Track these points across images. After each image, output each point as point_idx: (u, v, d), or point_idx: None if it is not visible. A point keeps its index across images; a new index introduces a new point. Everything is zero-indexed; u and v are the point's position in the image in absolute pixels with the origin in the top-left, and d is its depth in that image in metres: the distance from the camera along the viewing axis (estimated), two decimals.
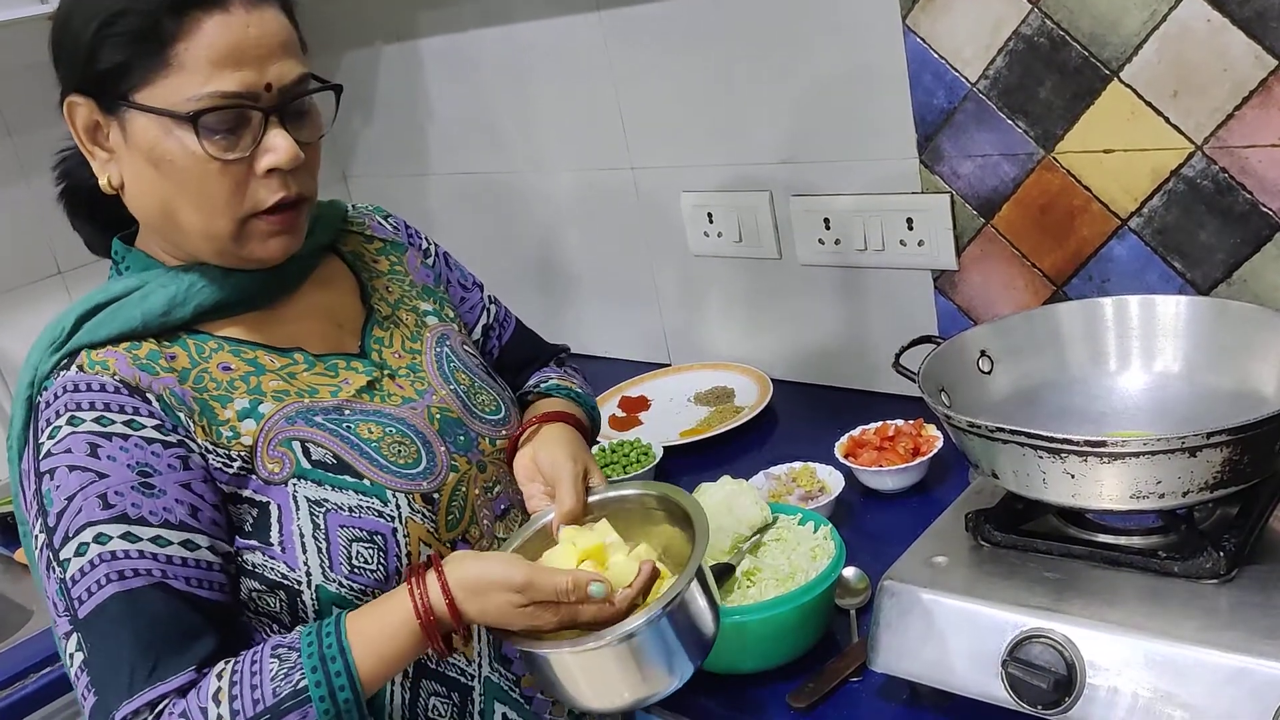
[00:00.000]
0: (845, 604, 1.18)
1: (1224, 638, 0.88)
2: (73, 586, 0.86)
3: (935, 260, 1.54)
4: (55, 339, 0.94)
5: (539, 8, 1.84)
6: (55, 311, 0.98)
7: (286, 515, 0.93)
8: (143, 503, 0.88)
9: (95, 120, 0.93)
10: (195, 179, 0.91)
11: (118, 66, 0.89)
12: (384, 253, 1.16)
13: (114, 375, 0.91)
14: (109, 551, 0.86)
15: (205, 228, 0.93)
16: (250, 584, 0.94)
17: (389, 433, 1.00)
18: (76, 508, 0.87)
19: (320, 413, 0.98)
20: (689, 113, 1.73)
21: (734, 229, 1.75)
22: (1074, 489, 0.97)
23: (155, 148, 0.90)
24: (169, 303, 0.96)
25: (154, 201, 0.94)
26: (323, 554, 0.93)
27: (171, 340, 0.96)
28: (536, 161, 2.00)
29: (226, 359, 0.97)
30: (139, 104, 0.89)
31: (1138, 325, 1.17)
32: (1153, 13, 1.25)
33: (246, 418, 0.95)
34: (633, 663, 0.87)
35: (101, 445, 0.88)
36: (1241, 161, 1.25)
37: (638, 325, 2.00)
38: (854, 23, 1.49)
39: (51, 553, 0.88)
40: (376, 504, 0.96)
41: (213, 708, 0.83)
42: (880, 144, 1.53)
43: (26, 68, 1.91)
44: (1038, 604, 0.96)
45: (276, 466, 0.94)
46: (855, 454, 1.43)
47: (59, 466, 0.88)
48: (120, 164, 0.94)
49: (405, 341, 1.09)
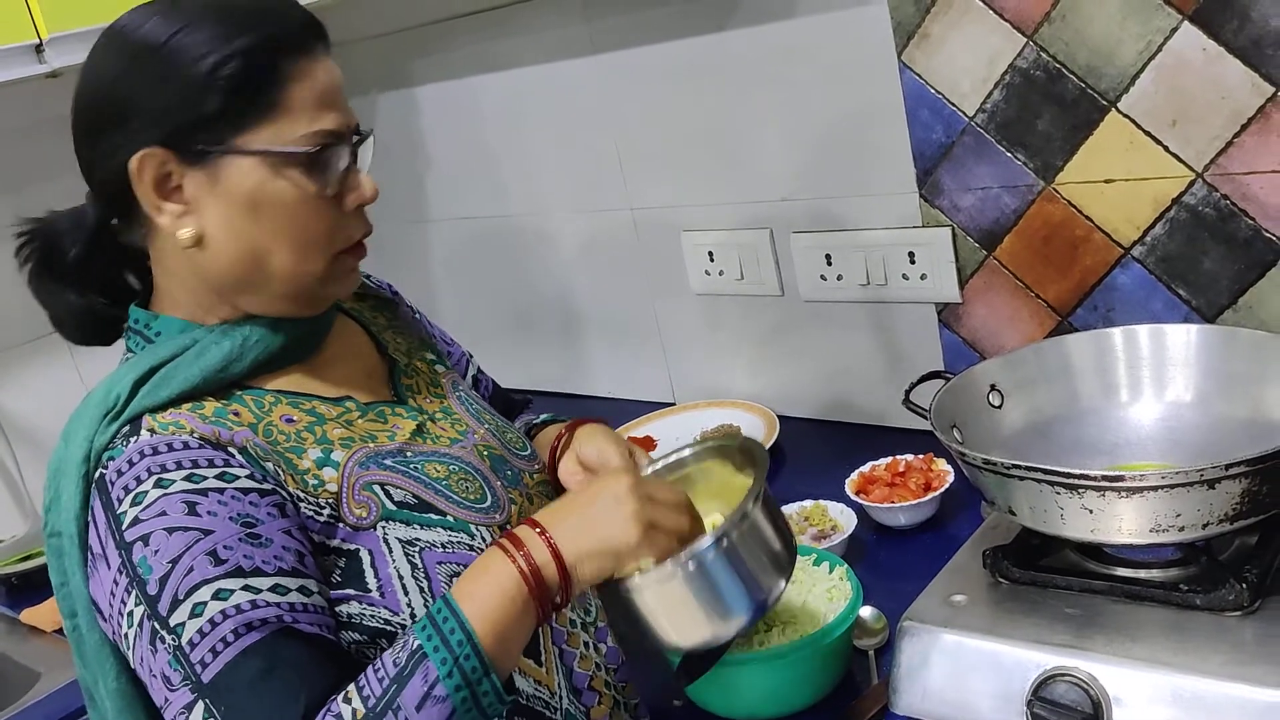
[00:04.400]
0: (863, 645, 1.17)
1: (1253, 671, 0.87)
2: (191, 651, 0.81)
3: (938, 293, 1.54)
4: (110, 408, 0.90)
5: (535, 52, 1.85)
6: (56, 369, 0.97)
7: (380, 559, 0.91)
8: (254, 553, 0.84)
9: (166, 173, 0.89)
10: (300, 218, 0.92)
11: (221, 112, 0.87)
12: (377, 309, 1.17)
13: (191, 433, 0.88)
14: (232, 606, 0.82)
15: (297, 268, 0.93)
16: (349, 636, 0.90)
17: (453, 471, 0.99)
18: (185, 568, 0.83)
19: (387, 456, 0.97)
20: (687, 152, 1.74)
21: (735, 267, 1.75)
22: (1092, 524, 0.97)
23: (260, 190, 0.89)
24: (226, 358, 0.93)
25: (242, 249, 0.92)
26: (425, 593, 0.91)
27: (228, 398, 0.94)
28: (536, 205, 2.01)
29: (287, 411, 0.96)
30: (245, 148, 0.88)
31: (1148, 355, 1.17)
32: (1148, 43, 1.25)
33: (325, 466, 0.93)
34: (708, 587, 0.86)
35: (199, 502, 0.85)
36: (1243, 188, 1.25)
37: (641, 365, 1.99)
38: (850, 59, 1.50)
39: (158, 621, 0.83)
40: (465, 538, 0.95)
41: (345, 708, 0.80)
42: (879, 179, 1.54)
43: (28, 126, 1.93)
44: (1060, 641, 0.96)
45: (363, 511, 0.92)
46: (866, 490, 1.42)
47: (154, 531, 0.84)
48: (200, 215, 0.91)
49: (429, 388, 1.10)
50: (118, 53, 0.91)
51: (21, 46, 1.54)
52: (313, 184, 0.91)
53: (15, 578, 1.76)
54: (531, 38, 1.85)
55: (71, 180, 0.97)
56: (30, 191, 1.92)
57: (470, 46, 1.94)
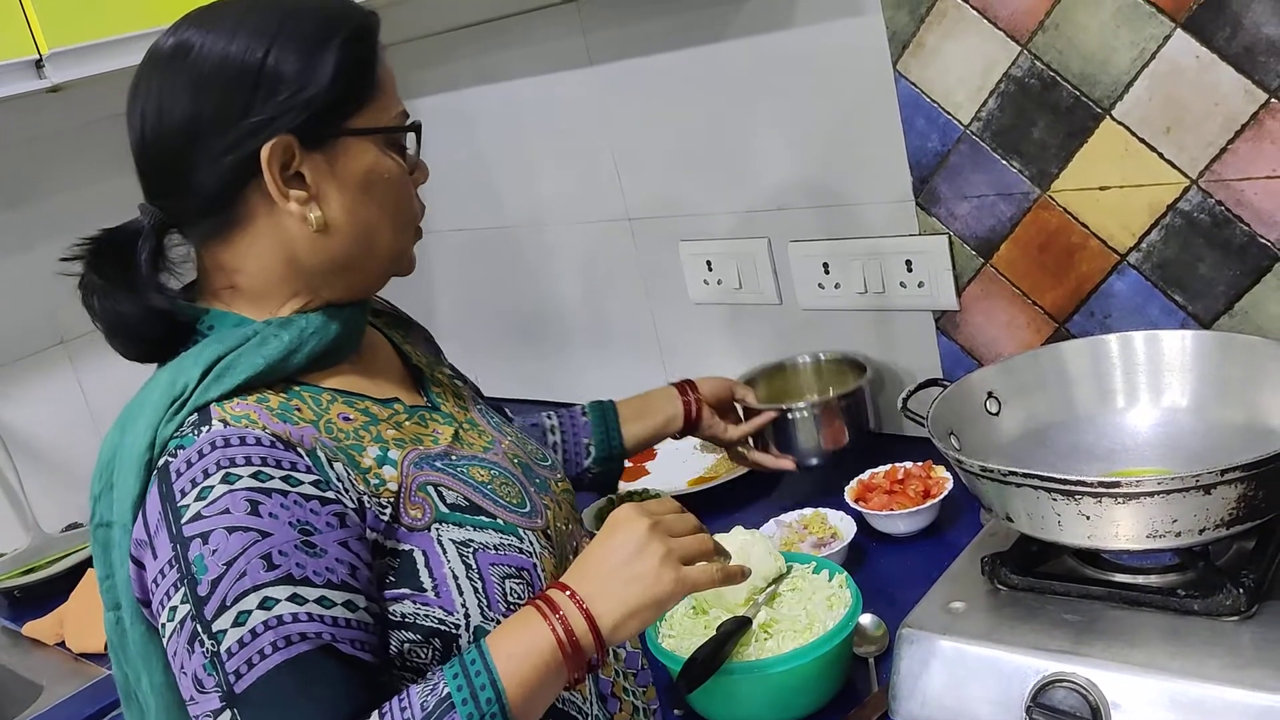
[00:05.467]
0: (863, 652, 1.17)
1: (1250, 676, 0.87)
2: (228, 660, 0.81)
3: (936, 301, 1.54)
4: (176, 396, 0.90)
5: (533, 64, 1.86)
6: (57, 383, 0.97)
7: (434, 560, 0.92)
8: (307, 563, 0.84)
9: (289, 160, 0.92)
10: (401, 195, 0.99)
11: (343, 95, 0.93)
12: (393, 326, 1.18)
13: (264, 429, 0.88)
14: (274, 617, 0.82)
15: (395, 244, 1.00)
16: (403, 635, 0.90)
17: (495, 475, 1.01)
18: (239, 571, 0.82)
19: (436, 458, 0.98)
20: (684, 163, 1.75)
21: (733, 276, 1.76)
22: (1089, 530, 0.97)
23: (373, 169, 0.96)
24: (286, 349, 0.94)
25: (359, 229, 0.96)
26: (479, 593, 0.92)
27: (288, 393, 0.94)
28: (534, 215, 2.01)
29: (343, 409, 0.96)
30: (361, 129, 0.94)
31: (1144, 361, 1.18)
32: (1141, 51, 1.26)
33: (384, 464, 0.94)
34: None
35: (262, 502, 0.84)
36: (1237, 194, 1.26)
37: (640, 374, 1.99)
38: (845, 69, 1.50)
39: (200, 624, 0.83)
40: (514, 541, 0.96)
41: None
42: (876, 188, 1.54)
43: (28, 141, 1.94)
44: (1059, 647, 0.96)
45: (419, 513, 0.93)
46: (865, 498, 1.42)
47: (215, 529, 0.83)
48: (324, 200, 0.94)
49: (454, 397, 1.11)
50: (213, 62, 0.91)
51: (22, 62, 1.55)
52: (405, 161, 0.99)
53: (18, 591, 1.77)
54: (529, 50, 1.86)
55: (70, 195, 0.97)
56: (29, 206, 1.94)
57: (469, 58, 1.95)
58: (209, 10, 0.95)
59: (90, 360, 1.98)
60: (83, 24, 1.59)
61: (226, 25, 0.92)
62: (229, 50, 0.91)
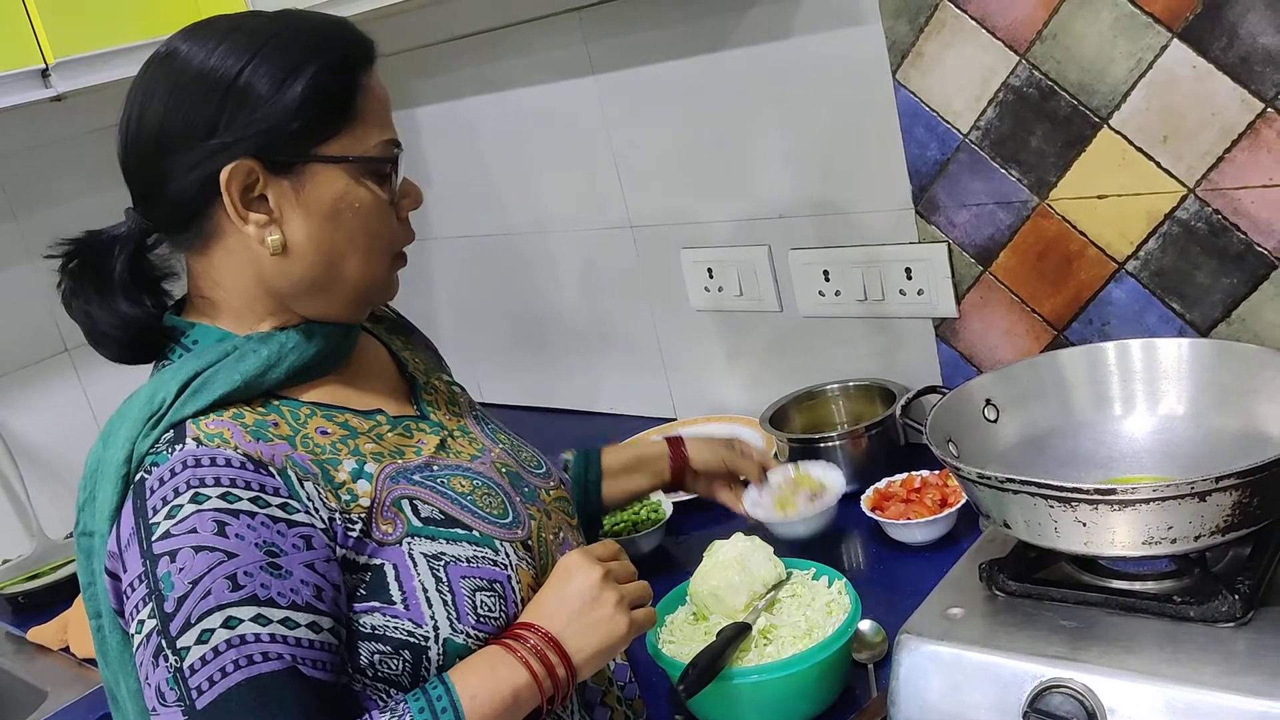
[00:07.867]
0: (862, 658, 1.18)
1: (1245, 682, 0.88)
2: (191, 676, 0.82)
3: (935, 309, 1.55)
4: (154, 411, 0.91)
5: (535, 73, 1.87)
6: (62, 390, 0.98)
7: (405, 573, 0.92)
8: (271, 584, 0.85)
9: (253, 182, 0.92)
10: (375, 224, 0.97)
11: (311, 122, 0.92)
12: (393, 332, 1.19)
13: (236, 449, 0.89)
14: (238, 636, 0.83)
15: (365, 274, 0.98)
16: (372, 647, 0.91)
17: (477, 485, 1.01)
18: (204, 590, 0.84)
19: (415, 471, 0.99)
20: (685, 171, 1.75)
21: (734, 283, 1.76)
22: (1086, 537, 0.97)
23: (342, 197, 0.94)
24: (264, 364, 0.95)
25: (321, 256, 0.95)
26: (449, 605, 0.93)
27: (265, 408, 0.95)
28: (536, 223, 2.02)
29: (321, 423, 0.97)
30: (329, 156, 0.93)
31: (1141, 369, 1.18)
32: (1138, 61, 1.27)
33: (359, 478, 0.94)
34: None
35: (229, 523, 0.86)
36: (1234, 203, 1.26)
37: (642, 381, 2.00)
38: (845, 78, 1.51)
39: (165, 639, 0.84)
40: (489, 553, 0.97)
41: None
42: (876, 196, 1.55)
43: (31, 149, 1.95)
44: (1056, 653, 0.96)
45: (390, 527, 0.94)
46: (882, 507, 1.41)
47: (182, 548, 0.85)
48: (285, 224, 0.94)
49: (448, 405, 1.12)
50: (191, 73, 0.92)
51: (28, 71, 1.56)
52: (384, 191, 0.97)
53: (22, 597, 1.78)
54: (531, 59, 1.87)
55: (74, 204, 0.98)
56: (32, 215, 1.95)
57: (470, 67, 1.96)
58: (205, 23, 0.96)
59: (95, 368, 1.99)
60: (88, 34, 1.60)
61: (213, 40, 0.93)
62: (207, 64, 0.92)
